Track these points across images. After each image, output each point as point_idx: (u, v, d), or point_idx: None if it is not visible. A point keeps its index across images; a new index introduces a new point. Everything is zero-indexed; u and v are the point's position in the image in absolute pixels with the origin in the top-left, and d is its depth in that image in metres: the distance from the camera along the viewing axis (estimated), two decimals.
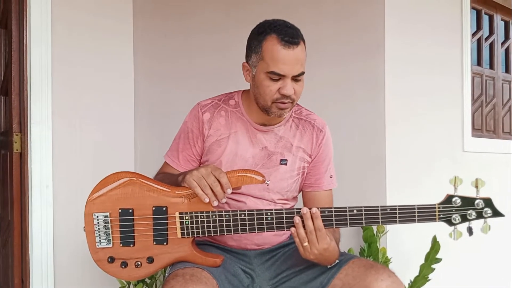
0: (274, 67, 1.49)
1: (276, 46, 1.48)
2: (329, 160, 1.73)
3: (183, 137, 1.69)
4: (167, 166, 1.73)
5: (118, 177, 1.49)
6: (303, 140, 1.68)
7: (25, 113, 2.40)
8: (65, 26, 2.51)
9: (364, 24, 2.49)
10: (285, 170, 1.66)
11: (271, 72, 1.50)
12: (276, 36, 1.49)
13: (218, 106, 1.68)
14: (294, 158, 1.67)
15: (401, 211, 1.40)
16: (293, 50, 1.49)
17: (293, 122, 1.69)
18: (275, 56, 1.49)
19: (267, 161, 1.64)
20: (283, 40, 1.48)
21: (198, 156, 1.69)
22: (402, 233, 2.50)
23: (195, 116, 1.68)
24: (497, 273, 3.29)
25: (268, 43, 1.50)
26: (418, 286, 2.32)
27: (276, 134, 1.66)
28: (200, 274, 1.40)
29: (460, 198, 1.39)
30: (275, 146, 1.65)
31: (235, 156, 1.63)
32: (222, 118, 1.66)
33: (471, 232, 1.40)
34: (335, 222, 1.42)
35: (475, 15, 3.46)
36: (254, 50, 1.55)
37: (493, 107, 3.59)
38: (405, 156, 2.56)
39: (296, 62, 1.50)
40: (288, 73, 1.50)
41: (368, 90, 2.46)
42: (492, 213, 1.40)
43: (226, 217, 1.44)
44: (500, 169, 3.29)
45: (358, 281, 1.42)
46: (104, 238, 1.48)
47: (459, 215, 1.40)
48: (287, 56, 1.48)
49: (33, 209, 2.39)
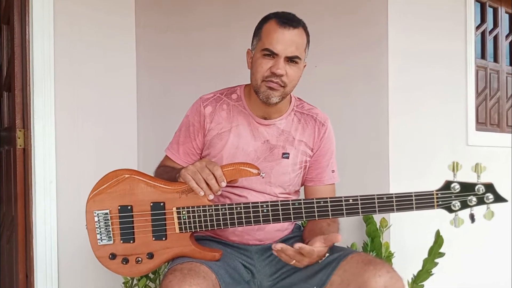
0: (268, 44, 1.53)
1: (274, 26, 1.54)
2: (331, 154, 1.73)
3: (184, 131, 1.71)
4: (167, 159, 1.74)
5: (117, 174, 1.50)
6: (305, 134, 1.69)
7: (28, 109, 2.41)
8: (67, 22, 2.51)
9: (367, 18, 2.48)
10: (287, 164, 1.66)
11: (265, 49, 1.53)
12: (275, 19, 1.55)
13: (220, 99, 1.69)
14: (296, 152, 1.67)
15: (398, 199, 1.38)
16: (288, 30, 1.52)
17: (295, 116, 1.69)
18: (271, 34, 1.53)
19: (269, 155, 1.65)
20: (281, 21, 1.53)
21: (199, 150, 1.70)
22: (406, 227, 2.50)
23: (196, 110, 1.69)
24: (500, 268, 3.28)
25: (268, 24, 1.56)
26: (421, 281, 2.32)
27: (278, 127, 1.66)
28: (199, 268, 1.40)
29: (459, 184, 1.36)
30: (277, 140, 1.66)
31: (236, 149, 1.64)
32: (224, 112, 1.67)
33: (473, 219, 1.35)
34: (331, 212, 1.42)
35: (479, 8, 3.44)
36: (255, 34, 1.61)
37: (497, 100, 3.57)
38: (408, 150, 2.55)
39: (290, 43, 1.52)
40: (281, 52, 1.52)
41: (371, 83, 2.45)
42: (494, 199, 1.35)
43: (223, 211, 1.45)
44: (504, 163, 3.28)
45: (356, 277, 1.41)
46: (105, 235, 1.49)
47: (459, 201, 1.36)
48: (281, 35, 1.52)
49: (37, 205, 2.40)
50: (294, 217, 1.44)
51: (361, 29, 2.48)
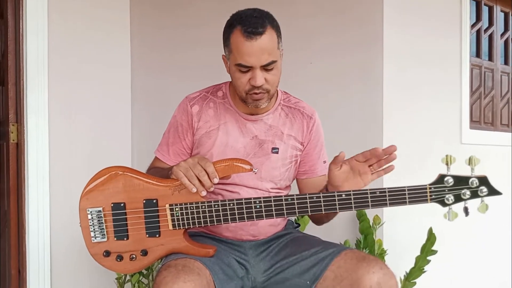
0: (240, 59, 1.49)
1: (240, 39, 1.48)
2: (321, 146, 1.74)
3: (173, 131, 1.70)
4: (157, 161, 1.73)
5: (109, 171, 1.49)
6: (293, 128, 1.69)
7: (22, 103, 2.40)
8: (61, 16, 2.50)
9: (362, 16, 2.48)
10: (277, 159, 1.66)
11: (238, 64, 1.50)
12: (240, 28, 1.49)
13: (206, 98, 1.69)
14: (286, 147, 1.67)
15: (391, 193, 1.38)
16: (256, 41, 1.47)
17: (282, 111, 1.70)
18: (240, 48, 1.49)
19: (259, 150, 1.65)
20: (246, 32, 1.47)
21: (189, 149, 1.70)
22: (398, 225, 2.51)
23: (183, 109, 1.68)
24: (493, 266, 3.30)
25: (234, 36, 1.51)
26: (414, 278, 2.33)
27: (266, 123, 1.67)
28: (193, 264, 1.40)
29: (453, 177, 1.34)
30: (266, 135, 1.66)
31: (226, 147, 1.64)
32: (211, 110, 1.67)
33: (467, 212, 1.33)
34: (324, 207, 1.41)
35: (474, 6, 3.44)
36: (225, 43, 1.57)
37: (491, 99, 3.58)
38: (403, 148, 2.54)
39: (261, 53, 1.48)
40: (255, 64, 1.49)
41: (366, 82, 2.46)
42: (488, 192, 1.33)
43: (216, 207, 1.45)
44: (498, 161, 3.29)
45: (350, 273, 1.42)
46: (99, 233, 1.49)
47: (452, 195, 1.34)
48: (250, 47, 1.47)
49: (30, 200, 2.40)
50: (287, 213, 1.44)
51: (356, 27, 2.48)
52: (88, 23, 2.60)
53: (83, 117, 2.58)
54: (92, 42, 2.62)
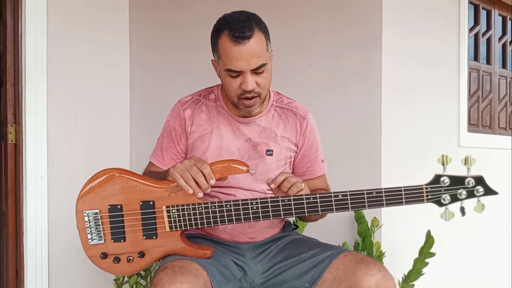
0: (229, 64, 1.49)
1: (228, 44, 1.48)
2: (317, 146, 1.75)
3: (166, 136, 1.70)
4: (152, 166, 1.73)
5: (106, 173, 1.49)
6: (287, 129, 1.69)
7: (20, 104, 2.39)
8: (60, 17, 2.50)
9: (361, 17, 2.48)
10: (272, 161, 1.66)
11: (228, 69, 1.50)
12: (227, 33, 1.48)
13: (198, 101, 1.69)
14: (280, 148, 1.67)
15: (387, 194, 1.38)
16: (244, 46, 1.46)
17: (275, 112, 1.69)
18: (228, 53, 1.48)
19: (253, 153, 1.65)
20: (233, 36, 1.46)
21: (183, 153, 1.70)
22: (397, 227, 2.51)
23: (176, 114, 1.68)
24: (492, 269, 3.30)
25: (222, 41, 1.50)
26: (412, 280, 2.33)
27: (259, 125, 1.66)
28: (190, 266, 1.40)
29: (449, 177, 1.35)
30: (259, 137, 1.66)
31: (220, 150, 1.64)
32: (204, 114, 1.67)
33: (464, 212, 1.34)
34: (321, 208, 1.42)
35: (472, 10, 3.45)
36: (214, 48, 1.56)
37: (489, 102, 3.59)
38: (401, 150, 2.56)
39: (250, 56, 1.47)
40: (245, 68, 1.49)
41: (365, 83, 2.46)
42: (484, 191, 1.34)
43: (212, 209, 1.45)
44: (496, 165, 3.30)
45: (348, 275, 1.42)
46: (96, 235, 1.49)
47: (448, 195, 1.35)
48: (239, 52, 1.46)
49: (28, 201, 2.39)
50: (283, 214, 1.44)
51: (355, 28, 2.48)
52: (87, 24, 2.60)
53: (81, 118, 2.58)
54: (91, 43, 2.61)
